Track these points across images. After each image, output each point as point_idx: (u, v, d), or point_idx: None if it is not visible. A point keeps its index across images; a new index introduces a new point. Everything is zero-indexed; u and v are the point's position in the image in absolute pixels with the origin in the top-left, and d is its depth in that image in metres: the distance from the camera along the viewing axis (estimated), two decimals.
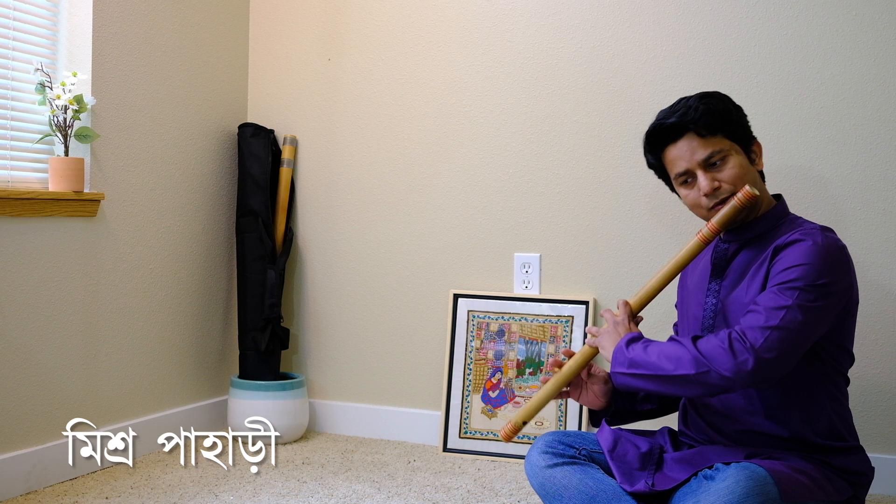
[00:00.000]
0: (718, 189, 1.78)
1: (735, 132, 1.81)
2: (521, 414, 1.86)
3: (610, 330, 1.82)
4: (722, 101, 1.84)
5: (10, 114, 2.41)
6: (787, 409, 1.74)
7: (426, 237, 2.98)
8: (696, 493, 1.60)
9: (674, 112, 1.82)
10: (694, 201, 1.83)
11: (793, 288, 1.64)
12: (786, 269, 1.67)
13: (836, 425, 1.76)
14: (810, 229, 1.74)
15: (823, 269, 1.66)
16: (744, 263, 1.81)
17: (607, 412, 1.96)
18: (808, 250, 1.67)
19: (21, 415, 2.34)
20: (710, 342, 1.65)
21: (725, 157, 1.79)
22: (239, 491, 2.36)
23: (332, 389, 3.11)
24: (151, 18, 2.76)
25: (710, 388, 1.64)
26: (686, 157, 1.80)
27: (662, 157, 1.87)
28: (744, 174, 1.79)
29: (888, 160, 2.47)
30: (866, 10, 2.48)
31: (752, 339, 1.61)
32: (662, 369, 1.67)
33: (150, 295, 2.78)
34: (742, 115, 1.86)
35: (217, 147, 3.07)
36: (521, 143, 2.86)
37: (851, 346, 1.81)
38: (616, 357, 1.75)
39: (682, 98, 1.85)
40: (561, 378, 1.86)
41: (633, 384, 1.73)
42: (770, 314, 1.63)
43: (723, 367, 1.61)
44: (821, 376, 1.75)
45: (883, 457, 2.41)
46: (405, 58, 3.01)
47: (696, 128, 1.78)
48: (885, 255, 2.47)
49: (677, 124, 1.80)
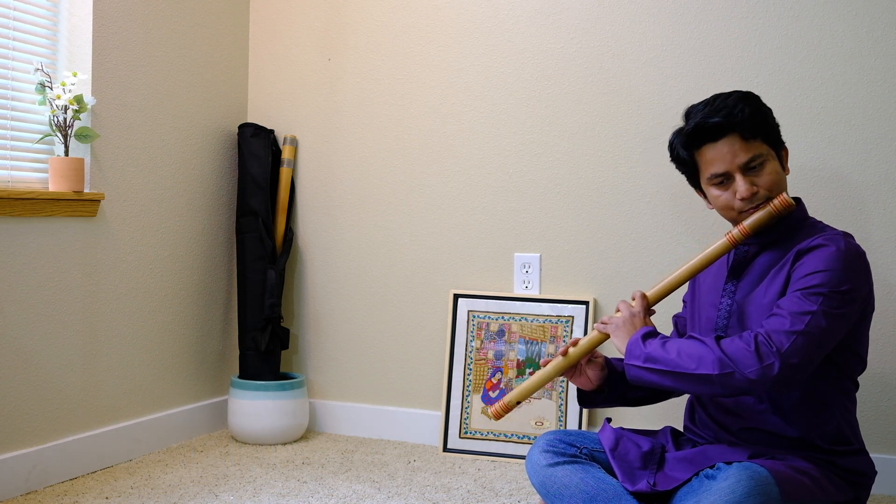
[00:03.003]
0: (756, 194, 1.76)
1: (771, 136, 1.81)
2: (515, 394, 1.85)
3: (626, 320, 1.80)
4: (760, 102, 1.82)
5: (10, 114, 2.41)
6: (797, 410, 1.74)
7: (426, 237, 2.98)
8: (698, 492, 1.60)
9: (716, 111, 1.78)
10: (726, 203, 1.81)
11: (817, 294, 1.64)
12: (809, 273, 1.67)
13: (844, 430, 1.76)
14: (833, 235, 1.73)
15: (846, 275, 1.66)
16: (763, 266, 1.80)
17: (598, 395, 1.96)
18: (832, 256, 1.67)
19: (21, 415, 2.34)
20: (734, 344, 1.64)
21: (764, 163, 1.77)
22: (239, 491, 2.36)
23: (332, 389, 3.11)
24: (151, 18, 2.76)
25: (732, 390, 1.63)
26: (727, 158, 1.77)
27: (697, 155, 1.83)
28: (780, 181, 1.79)
29: (889, 161, 2.47)
30: (866, 10, 2.48)
31: (779, 342, 1.60)
32: (682, 367, 1.66)
33: (150, 295, 2.78)
34: (775, 118, 1.84)
35: (217, 147, 3.07)
36: (521, 143, 2.86)
37: (865, 354, 1.80)
38: (631, 350, 1.74)
39: (718, 95, 1.82)
40: (564, 362, 1.86)
41: (647, 378, 1.72)
42: (795, 319, 1.62)
43: (748, 369, 1.60)
44: (833, 381, 1.75)
45: (885, 457, 2.41)
46: (405, 58, 3.01)
47: (741, 129, 1.76)
48: (886, 253, 2.47)
49: (723, 124, 1.77)
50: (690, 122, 1.83)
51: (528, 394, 1.85)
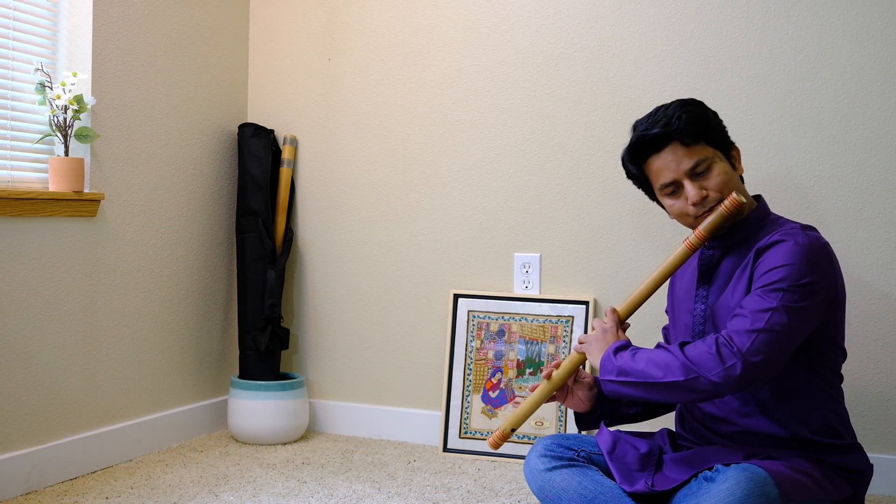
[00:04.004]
0: (706, 198, 1.78)
1: (716, 139, 1.82)
2: (509, 421, 1.86)
3: (598, 337, 1.82)
4: (701, 107, 1.84)
5: (10, 114, 2.41)
6: (781, 408, 1.75)
7: (426, 237, 2.98)
8: (697, 494, 1.60)
9: (655, 122, 1.81)
10: (680, 211, 1.83)
11: (776, 290, 1.64)
12: (768, 270, 1.68)
13: (832, 423, 1.76)
14: (791, 229, 1.74)
15: (806, 268, 1.66)
16: (729, 268, 1.81)
17: (592, 416, 1.97)
18: (790, 250, 1.67)
19: (21, 415, 2.35)
20: (697, 348, 1.65)
21: (710, 165, 1.78)
22: (239, 491, 2.36)
23: (332, 389, 3.11)
24: (151, 18, 2.76)
25: (700, 394, 1.64)
26: (672, 167, 1.79)
27: (645, 168, 1.86)
28: (729, 181, 1.79)
29: (889, 161, 2.47)
30: (866, 10, 2.48)
31: (739, 343, 1.61)
32: (651, 376, 1.67)
33: (150, 295, 2.78)
34: (720, 121, 1.86)
35: (217, 147, 3.07)
36: (521, 142, 2.86)
37: (843, 342, 1.81)
38: (604, 365, 1.75)
39: (660, 107, 1.84)
40: (549, 386, 1.87)
41: (621, 391, 1.73)
42: (755, 317, 1.63)
43: (711, 372, 1.61)
44: (813, 374, 1.76)
45: (883, 457, 2.41)
46: (405, 58, 3.00)
47: (680, 137, 1.78)
48: (885, 255, 2.47)
49: (661, 134, 1.79)
50: (634, 136, 1.86)
51: (522, 420, 1.86)
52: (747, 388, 1.63)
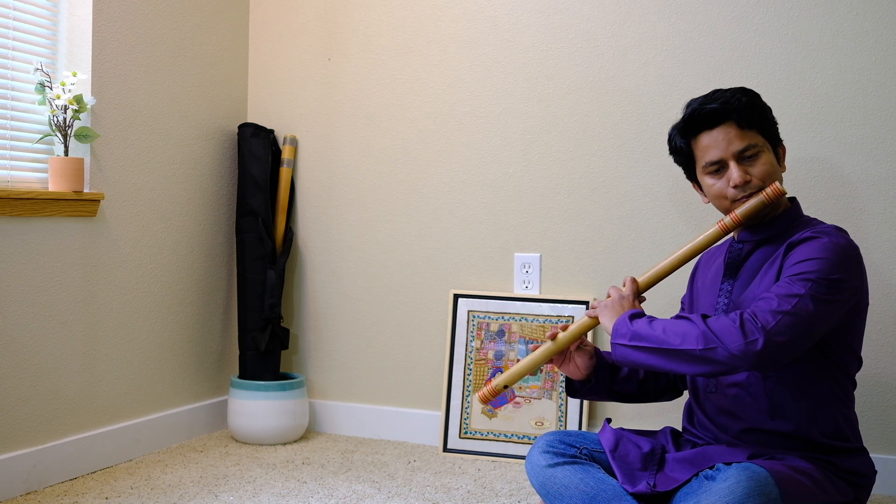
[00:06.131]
0: (748, 182, 1.78)
1: (769, 131, 1.83)
2: (504, 377, 1.85)
3: (614, 302, 1.81)
4: (759, 98, 1.85)
5: (10, 114, 2.40)
6: (793, 407, 1.74)
7: (426, 237, 2.98)
8: (697, 493, 1.60)
9: (714, 99, 1.81)
10: (720, 192, 1.82)
11: (806, 279, 1.64)
12: (800, 261, 1.68)
13: (842, 426, 1.76)
14: (824, 228, 1.75)
15: (837, 265, 1.66)
16: (757, 263, 1.81)
17: (585, 385, 1.97)
18: (823, 246, 1.68)
19: (21, 415, 2.34)
20: (720, 320, 1.64)
21: (759, 153, 1.79)
22: (239, 491, 2.36)
23: (332, 389, 3.11)
24: (151, 18, 2.76)
25: (714, 366, 1.62)
26: (722, 146, 1.79)
27: (693, 143, 1.86)
28: (773, 172, 1.80)
29: (892, 159, 2.47)
30: (867, 10, 2.48)
31: (764, 320, 1.60)
32: (667, 343, 1.65)
33: (150, 295, 2.78)
34: (773, 116, 1.87)
35: (217, 147, 3.07)
36: (521, 143, 2.86)
37: (860, 349, 1.81)
38: (618, 329, 1.74)
39: (718, 90, 1.85)
40: (553, 347, 1.87)
41: (632, 357, 1.71)
42: (782, 300, 1.62)
43: (732, 344, 1.59)
44: (828, 377, 1.76)
45: (886, 457, 2.41)
46: (405, 58, 3.00)
47: (737, 117, 1.78)
48: (887, 254, 2.47)
49: (719, 111, 1.79)
50: (688, 110, 1.87)
51: (517, 378, 1.86)
52: (761, 367, 1.61)
